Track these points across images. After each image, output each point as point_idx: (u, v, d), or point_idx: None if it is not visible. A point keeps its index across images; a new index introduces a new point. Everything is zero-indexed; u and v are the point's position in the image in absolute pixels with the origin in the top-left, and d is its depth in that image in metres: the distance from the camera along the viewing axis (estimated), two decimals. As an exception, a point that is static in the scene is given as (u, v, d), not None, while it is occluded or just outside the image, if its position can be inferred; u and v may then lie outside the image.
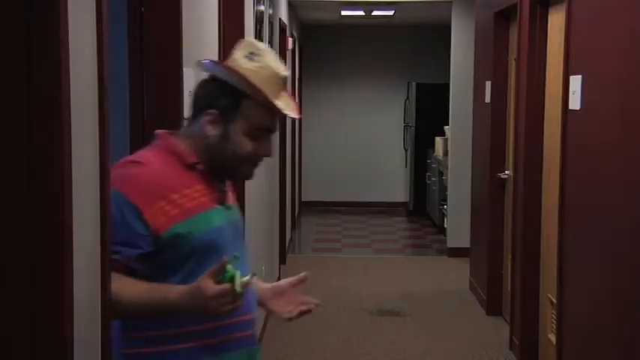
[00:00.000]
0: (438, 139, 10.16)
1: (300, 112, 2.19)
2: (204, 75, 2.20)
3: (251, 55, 2.11)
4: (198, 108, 2.13)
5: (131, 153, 2.63)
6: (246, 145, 2.10)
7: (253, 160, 2.15)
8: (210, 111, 2.09)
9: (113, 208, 1.94)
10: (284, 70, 2.13)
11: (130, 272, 2.03)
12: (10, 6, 1.59)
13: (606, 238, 3.44)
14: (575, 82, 3.81)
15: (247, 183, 4.64)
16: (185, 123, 2.28)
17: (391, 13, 9.95)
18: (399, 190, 12.07)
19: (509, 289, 5.66)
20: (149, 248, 2.02)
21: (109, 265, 1.94)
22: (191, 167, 2.11)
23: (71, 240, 1.67)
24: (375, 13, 9.98)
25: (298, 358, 5.45)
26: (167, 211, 2.03)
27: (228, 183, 2.23)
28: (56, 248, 1.64)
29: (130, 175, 2.06)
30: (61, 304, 1.65)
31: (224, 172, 2.17)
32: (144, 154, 2.15)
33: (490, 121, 6.26)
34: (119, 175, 2.02)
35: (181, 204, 2.05)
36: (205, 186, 2.12)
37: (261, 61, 2.10)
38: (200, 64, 2.18)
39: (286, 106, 2.12)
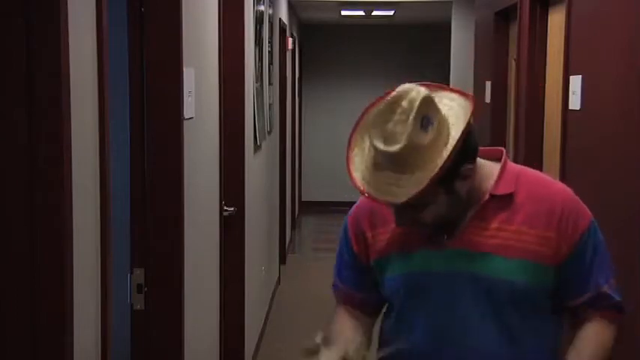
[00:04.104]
0: (438, 139, 10.13)
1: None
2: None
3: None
4: None
5: (131, 153, 2.63)
6: None
7: None
8: None
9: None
10: (381, 145, 1.75)
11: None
12: (10, 6, 1.59)
13: (606, 237, 3.43)
14: (575, 82, 3.80)
15: (247, 182, 4.64)
16: None
17: (391, 13, 9.94)
18: (398, 190, 12.03)
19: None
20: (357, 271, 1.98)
21: (109, 268, 1.94)
22: None
23: (71, 241, 1.67)
24: (375, 13, 9.98)
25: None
26: (369, 245, 1.95)
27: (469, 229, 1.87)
28: (55, 249, 1.64)
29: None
30: (61, 305, 1.65)
31: None
32: None
33: (490, 121, 6.25)
34: None
35: (382, 240, 1.91)
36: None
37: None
38: None
39: (364, 181, 1.75)
